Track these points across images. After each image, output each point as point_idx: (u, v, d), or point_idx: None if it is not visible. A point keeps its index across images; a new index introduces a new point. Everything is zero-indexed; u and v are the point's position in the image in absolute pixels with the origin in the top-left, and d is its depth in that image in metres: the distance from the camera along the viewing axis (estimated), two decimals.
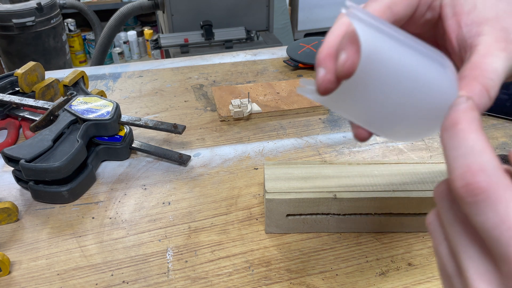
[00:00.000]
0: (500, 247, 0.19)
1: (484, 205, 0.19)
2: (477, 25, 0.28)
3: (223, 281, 0.41)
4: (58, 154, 0.49)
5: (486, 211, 0.19)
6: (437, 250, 0.23)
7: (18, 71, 0.64)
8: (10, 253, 0.44)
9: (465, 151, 0.20)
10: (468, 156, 0.20)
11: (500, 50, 0.26)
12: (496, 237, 0.19)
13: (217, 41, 1.53)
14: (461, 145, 0.20)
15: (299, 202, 0.43)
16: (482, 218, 0.19)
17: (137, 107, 0.69)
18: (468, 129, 0.21)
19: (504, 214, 0.19)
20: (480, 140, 0.20)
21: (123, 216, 0.48)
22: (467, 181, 0.19)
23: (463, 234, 0.21)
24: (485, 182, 0.19)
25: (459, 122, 0.21)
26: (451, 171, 0.20)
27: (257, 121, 0.65)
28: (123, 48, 2.79)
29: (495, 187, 0.19)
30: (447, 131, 0.21)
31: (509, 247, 0.18)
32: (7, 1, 1.85)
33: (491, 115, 0.65)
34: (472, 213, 0.19)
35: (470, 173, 0.19)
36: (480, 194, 0.19)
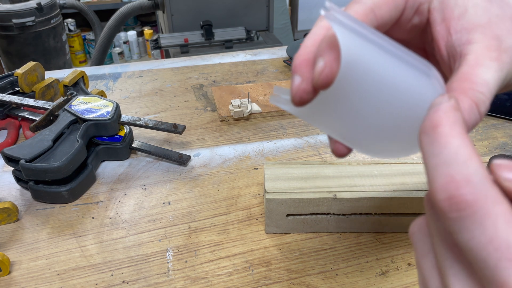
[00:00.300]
0: (486, 269, 0.16)
1: (469, 222, 0.17)
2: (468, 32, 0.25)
3: (223, 281, 0.41)
4: (58, 154, 0.49)
5: (472, 229, 0.17)
6: (419, 262, 0.21)
7: (18, 71, 0.64)
8: (10, 253, 0.44)
9: (447, 158, 0.17)
10: (452, 165, 0.17)
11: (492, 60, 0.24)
12: (483, 259, 0.16)
13: (217, 41, 1.53)
14: (443, 152, 0.18)
15: (299, 202, 0.43)
16: (467, 236, 0.17)
17: (137, 107, 0.69)
18: (451, 133, 0.18)
19: (493, 233, 0.16)
20: (465, 145, 0.18)
21: (123, 216, 0.48)
22: (450, 194, 0.17)
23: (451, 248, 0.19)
24: (471, 195, 0.17)
25: (441, 124, 0.18)
26: (432, 181, 0.18)
27: (257, 121, 0.65)
28: (123, 48, 2.79)
29: (482, 201, 0.17)
30: (426, 135, 0.18)
31: (496, 270, 0.16)
32: (7, 1, 1.85)
33: (491, 115, 0.65)
34: (456, 230, 0.17)
35: (453, 185, 0.17)
36: (465, 209, 0.17)
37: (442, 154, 0.18)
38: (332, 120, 0.26)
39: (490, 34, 0.25)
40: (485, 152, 0.58)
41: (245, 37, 1.54)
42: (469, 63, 0.24)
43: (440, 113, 0.19)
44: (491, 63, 0.24)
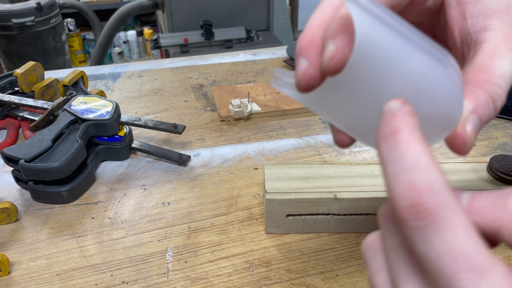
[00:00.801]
0: (443, 280, 0.16)
1: (429, 231, 0.16)
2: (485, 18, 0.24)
3: (223, 281, 0.41)
4: (57, 154, 0.49)
5: (431, 238, 0.16)
6: (372, 280, 0.21)
7: (18, 71, 0.64)
8: (9, 253, 0.44)
9: (408, 165, 0.17)
10: (413, 172, 0.17)
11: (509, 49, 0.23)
12: (440, 269, 0.16)
13: (217, 41, 1.53)
14: (403, 159, 0.17)
15: (299, 202, 0.42)
16: (426, 246, 0.16)
17: (137, 107, 0.69)
18: (410, 139, 0.17)
19: (452, 243, 0.16)
20: (425, 152, 0.17)
21: (122, 216, 0.48)
22: (412, 202, 0.16)
23: (406, 261, 0.18)
24: (432, 203, 0.16)
25: (399, 129, 0.17)
26: (392, 188, 0.17)
27: (257, 121, 0.65)
28: (123, 48, 2.79)
29: (443, 211, 0.16)
30: (385, 141, 0.18)
31: (453, 281, 0.16)
32: (6, 1, 1.85)
33: None
34: (415, 240, 0.17)
35: (415, 192, 0.16)
36: (426, 218, 0.16)
37: (403, 161, 0.17)
38: (337, 109, 0.24)
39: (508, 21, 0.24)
40: (486, 152, 0.58)
41: (245, 37, 1.54)
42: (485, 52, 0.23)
43: (398, 118, 0.18)
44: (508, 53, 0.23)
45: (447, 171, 0.46)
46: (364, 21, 0.19)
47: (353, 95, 0.22)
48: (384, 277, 0.20)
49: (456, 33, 0.25)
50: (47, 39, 1.85)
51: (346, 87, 0.22)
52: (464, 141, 0.22)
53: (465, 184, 0.44)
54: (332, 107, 0.24)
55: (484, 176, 0.46)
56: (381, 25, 0.20)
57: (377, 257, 0.21)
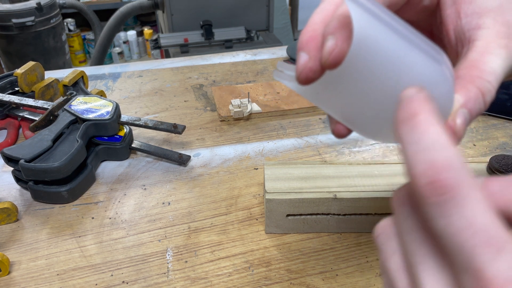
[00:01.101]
0: (462, 256, 0.16)
1: (449, 206, 0.17)
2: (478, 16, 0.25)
3: (223, 281, 0.41)
4: (57, 154, 0.49)
5: (451, 213, 0.17)
6: (385, 265, 0.21)
7: (18, 71, 0.64)
8: (9, 253, 0.44)
9: (427, 144, 0.17)
10: (432, 150, 0.17)
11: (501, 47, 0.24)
12: (460, 244, 0.16)
13: (217, 41, 1.53)
14: (423, 139, 0.18)
15: (299, 202, 0.42)
16: (446, 221, 0.17)
17: (137, 107, 0.69)
18: (429, 121, 0.18)
19: (471, 218, 0.16)
20: (443, 133, 0.18)
21: (122, 216, 0.48)
22: (432, 178, 0.17)
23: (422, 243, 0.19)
24: (452, 179, 0.17)
25: (419, 112, 0.18)
26: (412, 167, 0.18)
27: (257, 121, 0.65)
28: (123, 48, 2.79)
29: (462, 186, 0.17)
30: (404, 124, 0.19)
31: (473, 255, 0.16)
32: (6, 1, 1.85)
33: (491, 115, 0.65)
34: (435, 216, 0.17)
35: (435, 169, 0.17)
36: (446, 193, 0.17)
37: (422, 140, 0.18)
38: (335, 100, 0.25)
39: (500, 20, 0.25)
40: (486, 152, 0.58)
41: (245, 37, 1.54)
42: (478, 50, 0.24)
43: (416, 103, 0.19)
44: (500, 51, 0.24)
45: None
46: (362, 19, 0.20)
47: (350, 89, 0.23)
48: (398, 260, 0.20)
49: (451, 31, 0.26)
50: (47, 39, 1.85)
51: (344, 81, 0.23)
52: (454, 133, 0.23)
53: None
54: (330, 99, 0.25)
55: (484, 176, 0.46)
56: (378, 23, 0.21)
57: (391, 241, 0.21)
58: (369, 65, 0.21)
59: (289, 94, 0.70)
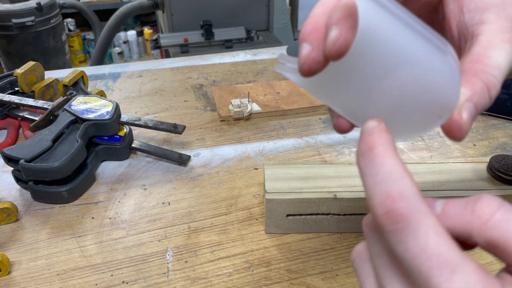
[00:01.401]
0: (420, 278, 0.18)
1: (404, 234, 0.18)
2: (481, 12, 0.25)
3: (223, 281, 0.41)
4: (57, 154, 0.49)
5: (407, 240, 0.18)
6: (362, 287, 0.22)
7: (18, 71, 0.64)
8: (9, 253, 0.44)
9: (383, 177, 0.19)
10: (387, 182, 0.19)
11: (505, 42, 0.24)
12: (417, 268, 0.18)
13: (217, 41, 1.53)
14: (379, 171, 0.19)
15: (299, 202, 0.42)
16: (403, 247, 0.18)
17: (137, 107, 0.69)
18: (384, 154, 0.19)
19: (424, 243, 0.18)
20: (398, 165, 0.19)
21: (122, 216, 0.48)
22: (387, 208, 0.18)
23: (389, 266, 0.20)
24: (405, 208, 0.18)
25: (375, 146, 0.19)
26: (371, 198, 0.19)
27: (257, 121, 0.65)
28: (123, 48, 2.79)
29: (415, 214, 0.18)
30: (363, 156, 0.20)
31: (429, 278, 0.17)
32: (6, 1, 1.85)
33: (491, 115, 0.65)
34: (393, 242, 0.18)
35: (390, 200, 0.18)
36: (400, 222, 0.18)
37: (379, 173, 0.19)
38: (338, 94, 0.24)
39: (503, 15, 0.25)
40: (486, 152, 0.58)
41: (245, 37, 1.54)
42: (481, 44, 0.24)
43: (373, 136, 0.20)
44: (504, 45, 0.24)
45: (447, 171, 0.46)
46: (367, 7, 0.20)
47: (354, 81, 0.23)
48: (372, 282, 0.21)
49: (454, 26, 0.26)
50: (47, 39, 1.85)
51: (348, 73, 0.22)
52: (460, 127, 0.23)
53: (465, 184, 0.44)
54: (333, 92, 0.25)
55: (484, 176, 0.46)
56: (384, 11, 0.20)
57: (365, 265, 0.22)
58: (374, 56, 0.21)
59: (289, 94, 0.70)
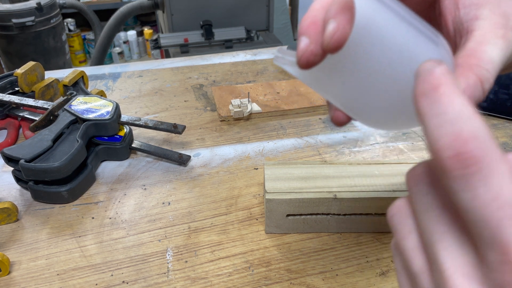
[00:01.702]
0: (488, 229, 0.16)
1: (475, 179, 0.16)
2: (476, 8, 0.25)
3: (223, 281, 0.41)
4: (57, 154, 0.49)
5: (477, 186, 0.16)
6: (399, 245, 0.21)
7: (18, 71, 0.64)
8: (9, 253, 0.44)
9: (452, 116, 0.17)
10: (457, 122, 0.17)
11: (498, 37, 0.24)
12: (485, 217, 0.16)
13: (217, 41, 1.53)
14: (446, 111, 0.17)
15: (299, 202, 0.42)
16: (471, 194, 0.16)
17: (137, 107, 0.69)
18: (452, 93, 0.17)
19: (497, 191, 0.16)
20: (468, 105, 0.17)
21: (123, 216, 0.48)
22: (458, 150, 0.16)
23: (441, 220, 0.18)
24: (479, 150, 0.16)
25: (441, 85, 0.18)
26: (435, 141, 0.17)
27: (257, 121, 0.65)
28: (123, 48, 2.79)
29: (488, 158, 0.16)
30: (425, 97, 0.18)
31: (499, 228, 0.15)
32: (6, 1, 1.85)
33: (491, 115, 0.65)
34: (459, 190, 0.17)
35: (461, 141, 0.16)
36: (472, 166, 0.16)
37: (446, 113, 0.17)
38: (335, 86, 0.25)
39: (498, 11, 0.25)
40: None
41: (245, 37, 1.54)
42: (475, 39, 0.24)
43: (437, 75, 0.18)
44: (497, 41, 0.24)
45: None
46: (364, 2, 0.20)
47: (350, 73, 0.23)
48: (414, 239, 0.20)
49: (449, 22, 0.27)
50: (47, 39, 1.85)
51: (344, 65, 0.23)
52: None
53: None
54: (330, 85, 0.25)
55: None
56: (380, 5, 0.21)
57: (407, 220, 0.21)
58: (370, 48, 0.21)
59: (289, 94, 0.70)
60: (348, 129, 0.63)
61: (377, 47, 0.21)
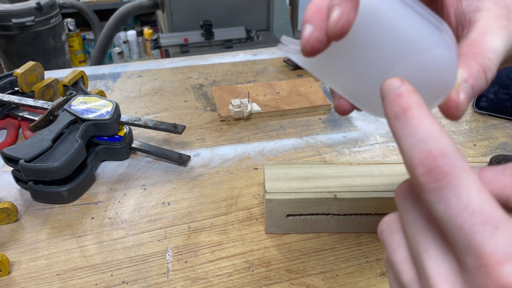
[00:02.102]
0: (462, 236, 0.17)
1: (446, 191, 0.18)
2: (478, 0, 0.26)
3: (223, 281, 0.41)
4: (57, 154, 0.49)
5: (448, 197, 0.18)
6: (391, 259, 0.22)
7: (18, 70, 0.64)
8: (9, 254, 0.44)
9: (422, 136, 0.18)
10: (427, 141, 0.18)
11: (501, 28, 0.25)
12: (459, 226, 0.17)
13: (217, 41, 1.53)
14: (417, 132, 0.19)
15: (299, 202, 0.42)
16: (444, 206, 0.18)
17: (137, 107, 0.69)
18: (420, 114, 0.19)
19: (467, 199, 0.17)
20: (435, 124, 0.19)
21: (122, 216, 0.48)
22: (429, 166, 0.18)
23: (426, 232, 0.20)
24: (447, 165, 0.18)
25: (409, 107, 0.19)
26: (410, 159, 0.19)
27: (257, 121, 0.65)
28: (123, 47, 2.79)
29: (457, 171, 0.18)
30: (398, 120, 0.19)
31: (472, 235, 0.17)
32: (6, 1, 1.85)
33: (491, 115, 0.65)
34: (434, 202, 0.18)
35: (431, 158, 0.18)
36: (442, 179, 0.18)
37: (417, 133, 0.19)
38: (340, 74, 0.25)
39: (500, 3, 0.25)
40: (486, 152, 0.58)
41: (245, 37, 1.54)
42: (478, 30, 0.25)
43: (404, 97, 0.20)
44: (500, 31, 0.24)
45: None
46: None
47: (355, 60, 0.23)
48: (403, 252, 0.21)
49: (452, 14, 0.27)
50: (47, 39, 1.85)
51: (349, 52, 0.23)
52: (458, 107, 0.24)
53: None
54: (334, 72, 0.25)
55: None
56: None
57: (395, 235, 0.22)
58: (375, 35, 0.22)
59: (289, 94, 0.70)
60: (348, 129, 0.63)
61: (381, 34, 0.21)
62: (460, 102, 0.23)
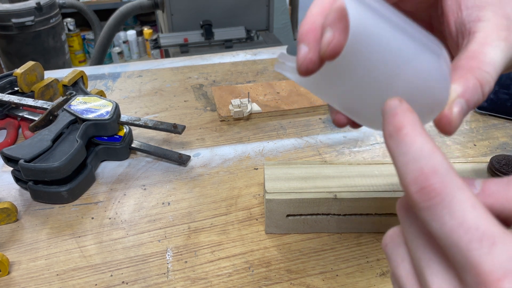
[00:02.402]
0: (459, 253, 0.17)
1: (439, 209, 0.18)
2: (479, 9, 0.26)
3: (223, 281, 0.41)
4: (57, 154, 0.49)
5: (442, 215, 0.18)
6: (395, 273, 0.22)
7: (17, 70, 0.64)
8: (9, 254, 0.44)
9: (414, 155, 0.19)
10: (419, 160, 0.19)
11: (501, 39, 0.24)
12: (455, 243, 0.17)
13: (217, 41, 1.52)
14: (409, 150, 0.19)
15: (299, 202, 0.42)
16: (439, 223, 0.18)
17: (137, 107, 0.69)
18: (413, 133, 0.19)
19: (461, 217, 0.17)
20: (428, 142, 0.19)
21: (122, 217, 0.48)
22: (421, 185, 0.18)
23: (427, 248, 0.20)
24: (438, 183, 0.18)
25: (403, 126, 0.20)
26: (403, 177, 0.19)
27: (257, 121, 0.65)
28: (123, 47, 2.79)
29: (449, 188, 0.18)
30: (392, 138, 0.20)
31: (469, 252, 0.17)
32: (6, 1, 1.84)
33: (491, 115, 0.65)
34: (429, 220, 0.18)
35: (423, 177, 0.18)
36: (434, 197, 0.18)
37: (409, 152, 0.19)
38: (335, 90, 0.26)
39: (500, 13, 0.25)
40: (486, 152, 0.58)
41: (245, 37, 1.54)
42: (478, 41, 0.25)
43: (399, 117, 0.20)
44: (499, 43, 0.24)
45: None
46: (357, 12, 0.21)
47: (348, 79, 0.24)
48: (407, 266, 0.21)
49: (452, 23, 0.27)
50: (47, 39, 1.85)
51: (343, 71, 0.24)
52: (450, 122, 0.24)
53: None
54: (330, 89, 0.26)
55: (484, 177, 0.46)
56: (374, 15, 0.22)
57: (399, 249, 0.22)
58: (365, 57, 0.22)
59: (289, 94, 0.70)
60: (348, 129, 0.63)
61: (373, 55, 0.22)
62: (452, 118, 0.23)
